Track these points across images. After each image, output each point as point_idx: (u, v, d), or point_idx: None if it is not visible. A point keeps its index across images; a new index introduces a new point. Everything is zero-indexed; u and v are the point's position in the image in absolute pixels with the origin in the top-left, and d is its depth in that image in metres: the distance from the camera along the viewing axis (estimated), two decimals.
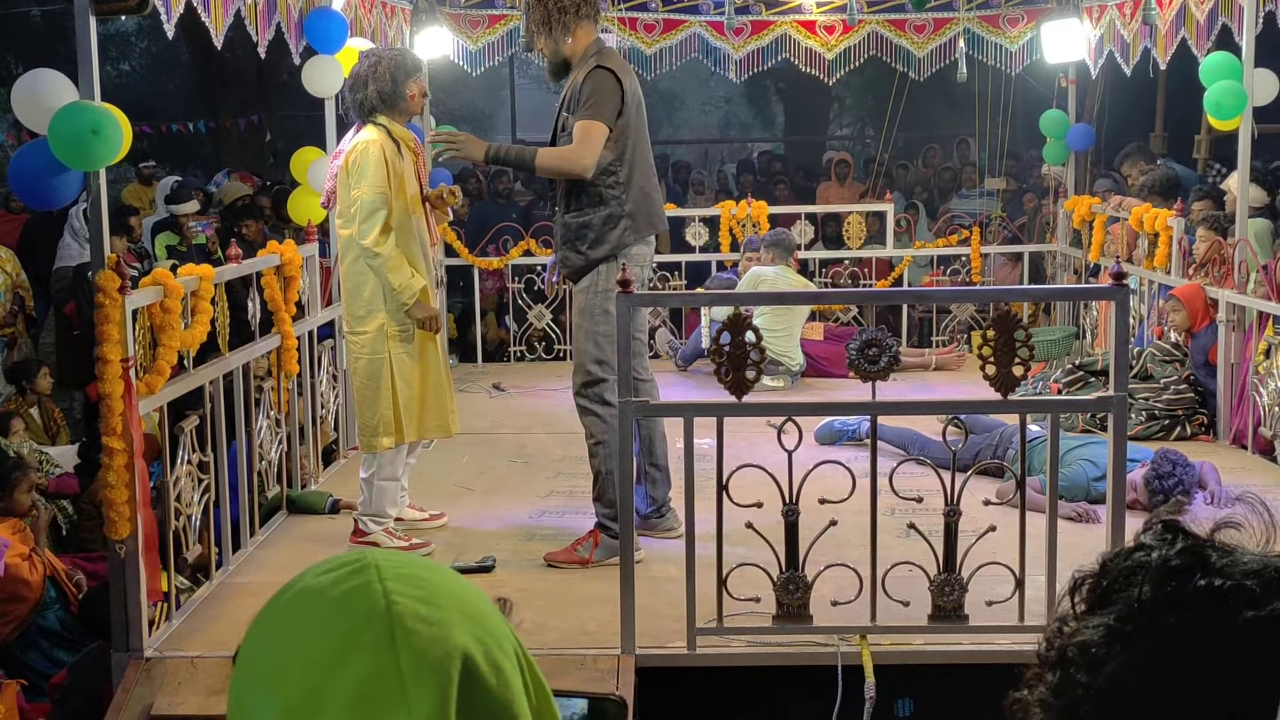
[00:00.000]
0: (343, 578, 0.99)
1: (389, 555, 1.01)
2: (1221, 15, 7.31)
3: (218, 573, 5.09)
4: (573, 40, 5.08)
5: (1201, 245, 7.23)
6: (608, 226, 5.06)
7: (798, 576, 4.31)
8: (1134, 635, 0.91)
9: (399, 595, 0.96)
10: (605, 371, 5.07)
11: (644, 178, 5.12)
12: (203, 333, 4.86)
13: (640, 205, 5.09)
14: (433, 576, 1.00)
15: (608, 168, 5.04)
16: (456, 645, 0.94)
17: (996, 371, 4.16)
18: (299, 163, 6.80)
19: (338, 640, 0.95)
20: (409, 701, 0.91)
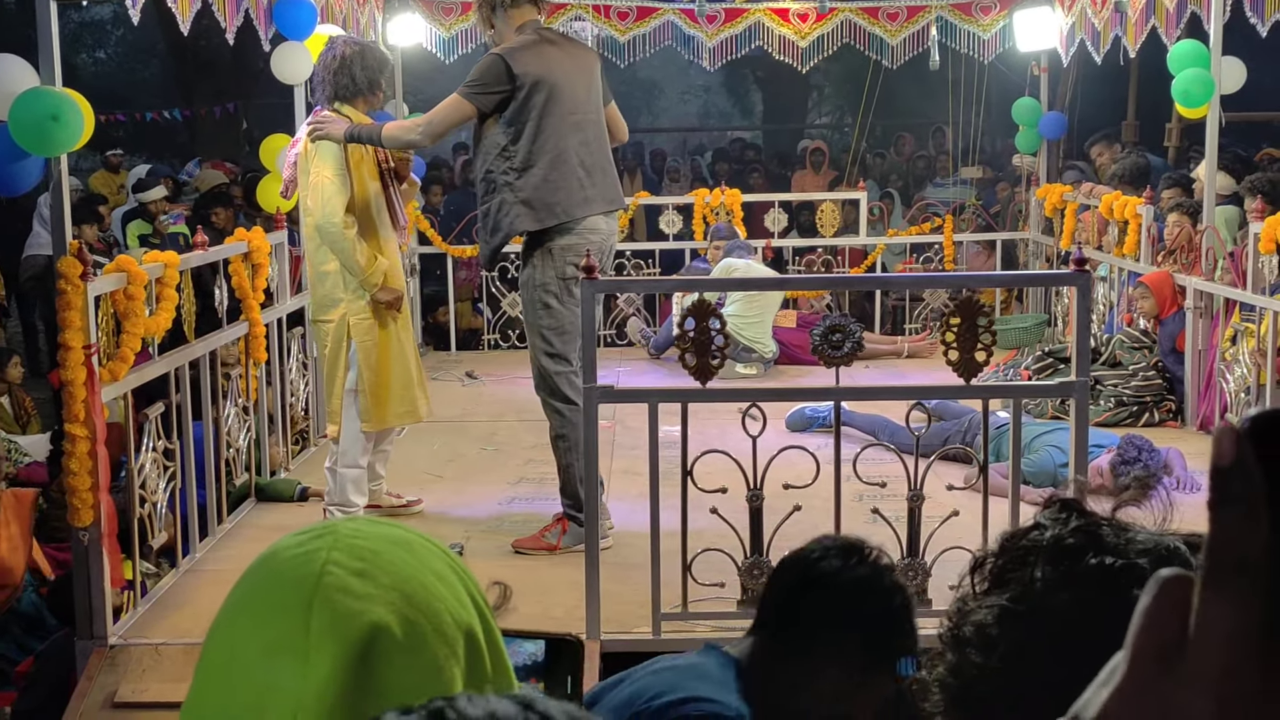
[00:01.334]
0: (301, 543, 1.02)
1: (356, 524, 1.04)
2: (1191, 4, 7.34)
3: (184, 560, 5.08)
4: (512, 20, 5.06)
5: (1173, 231, 7.27)
6: (501, 213, 4.98)
7: (762, 562, 4.32)
8: (1026, 614, 0.92)
9: (335, 565, 0.98)
10: (557, 364, 5.07)
11: (550, 166, 4.94)
12: (168, 320, 4.85)
13: (539, 193, 4.93)
14: (386, 550, 1.01)
15: (502, 151, 4.96)
16: (371, 619, 0.96)
17: (959, 357, 4.17)
18: (269, 150, 6.79)
19: (267, 602, 0.99)
20: (309, 664, 0.93)
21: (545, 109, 4.94)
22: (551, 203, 4.96)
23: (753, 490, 4.27)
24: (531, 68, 4.94)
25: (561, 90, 4.98)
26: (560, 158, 4.97)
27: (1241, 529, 0.52)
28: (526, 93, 4.92)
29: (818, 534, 4.39)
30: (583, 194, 5.01)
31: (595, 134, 5.11)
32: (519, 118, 4.94)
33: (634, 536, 5.04)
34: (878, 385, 6.72)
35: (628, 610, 4.48)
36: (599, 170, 5.10)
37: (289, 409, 6.46)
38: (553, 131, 4.96)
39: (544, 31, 5.14)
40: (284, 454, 6.36)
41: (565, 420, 5.06)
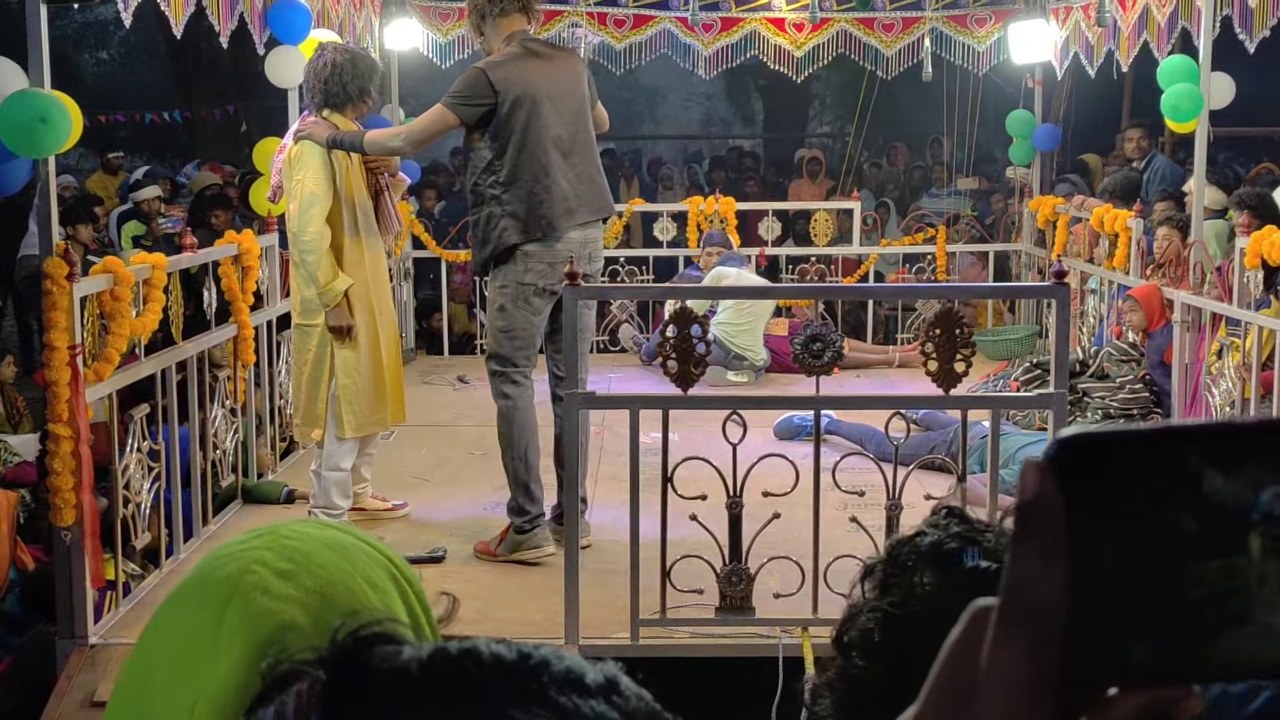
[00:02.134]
0: (241, 541, 1.05)
1: (300, 526, 1.06)
2: (1181, 19, 7.37)
3: (168, 561, 5.10)
4: (501, 30, 5.09)
5: (1163, 244, 7.29)
6: (490, 225, 5.01)
7: (741, 569, 4.35)
8: (905, 618, 0.94)
9: (261, 565, 1.00)
10: (497, 364, 5.11)
11: (535, 179, 4.96)
12: (154, 321, 4.88)
13: (526, 206, 4.95)
14: (318, 553, 1.02)
15: (487, 166, 4.99)
16: (282, 619, 0.97)
17: (939, 367, 4.20)
18: (262, 153, 6.81)
19: (193, 597, 1.01)
20: (216, 658, 0.96)
21: (528, 123, 4.97)
22: (537, 215, 4.99)
23: (732, 498, 4.30)
24: (513, 82, 4.96)
25: (544, 103, 4.99)
26: (545, 170, 4.99)
27: (1036, 570, 0.50)
28: (509, 107, 4.95)
29: (796, 542, 4.44)
30: (565, 206, 5.03)
31: (582, 143, 5.13)
32: (502, 132, 4.97)
33: (615, 542, 5.07)
34: (858, 394, 6.74)
35: (607, 616, 4.51)
36: (585, 180, 5.12)
37: (277, 412, 6.48)
38: (536, 144, 4.98)
39: (529, 43, 5.14)
40: (271, 456, 6.38)
41: (503, 418, 5.14)
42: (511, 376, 5.10)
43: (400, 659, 0.68)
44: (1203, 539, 0.49)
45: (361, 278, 5.25)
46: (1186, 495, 0.49)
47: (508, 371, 5.10)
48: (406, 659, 0.68)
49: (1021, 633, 0.50)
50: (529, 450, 5.12)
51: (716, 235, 9.21)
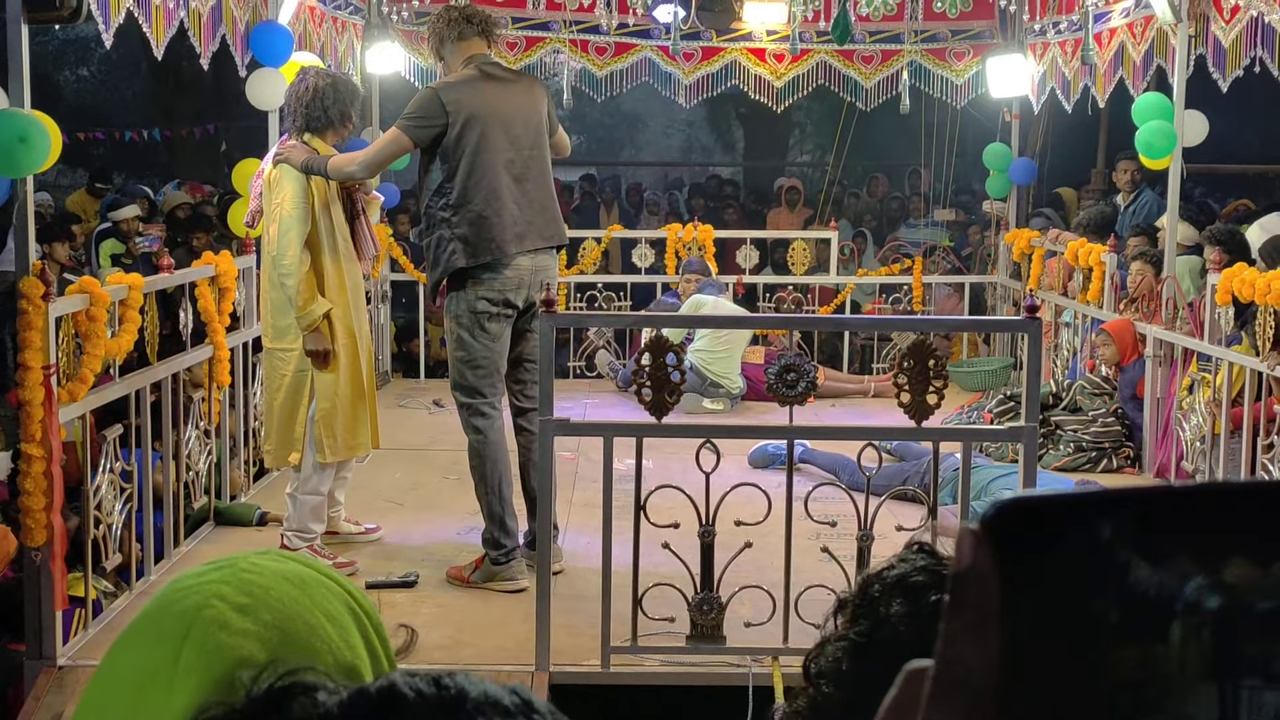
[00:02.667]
0: (201, 573, 1.05)
1: (259, 558, 1.06)
2: (1157, 56, 7.46)
3: (138, 582, 5.08)
4: (458, 52, 5.10)
5: (1136, 279, 7.36)
6: (439, 249, 5.00)
7: (712, 597, 4.36)
8: (871, 647, 0.96)
9: (219, 600, 1.00)
10: (464, 396, 5.11)
11: (484, 202, 4.93)
12: (130, 341, 4.87)
13: (475, 230, 4.93)
14: (276, 587, 1.03)
15: (438, 188, 4.99)
16: (239, 655, 0.98)
17: (911, 399, 4.23)
18: (241, 174, 6.82)
19: (151, 630, 1.02)
20: (172, 693, 0.96)
21: (479, 145, 4.95)
22: (486, 239, 4.96)
23: (704, 526, 4.31)
24: (465, 103, 4.95)
25: (496, 126, 4.98)
26: (494, 194, 4.97)
27: (967, 644, 0.50)
28: (460, 129, 4.93)
29: (767, 570, 4.45)
30: (515, 230, 4.99)
31: (536, 170, 5.10)
32: (452, 154, 4.96)
33: (587, 569, 5.07)
34: (831, 424, 6.77)
35: (578, 643, 4.51)
36: (537, 206, 5.08)
37: (251, 434, 6.47)
38: (487, 168, 4.96)
39: (487, 66, 5.11)
40: (244, 478, 6.36)
41: (475, 453, 5.13)
42: (479, 408, 5.09)
43: (320, 707, 0.69)
44: (1125, 626, 0.50)
45: (342, 301, 5.25)
46: (1113, 581, 0.50)
47: (475, 403, 5.10)
48: (327, 706, 0.69)
49: (952, 707, 0.50)
50: (502, 484, 5.12)
51: (695, 263, 9.25)
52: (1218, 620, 0.49)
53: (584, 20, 9.51)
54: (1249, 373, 5.97)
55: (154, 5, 5.54)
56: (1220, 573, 0.49)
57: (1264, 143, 16.50)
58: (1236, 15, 6.70)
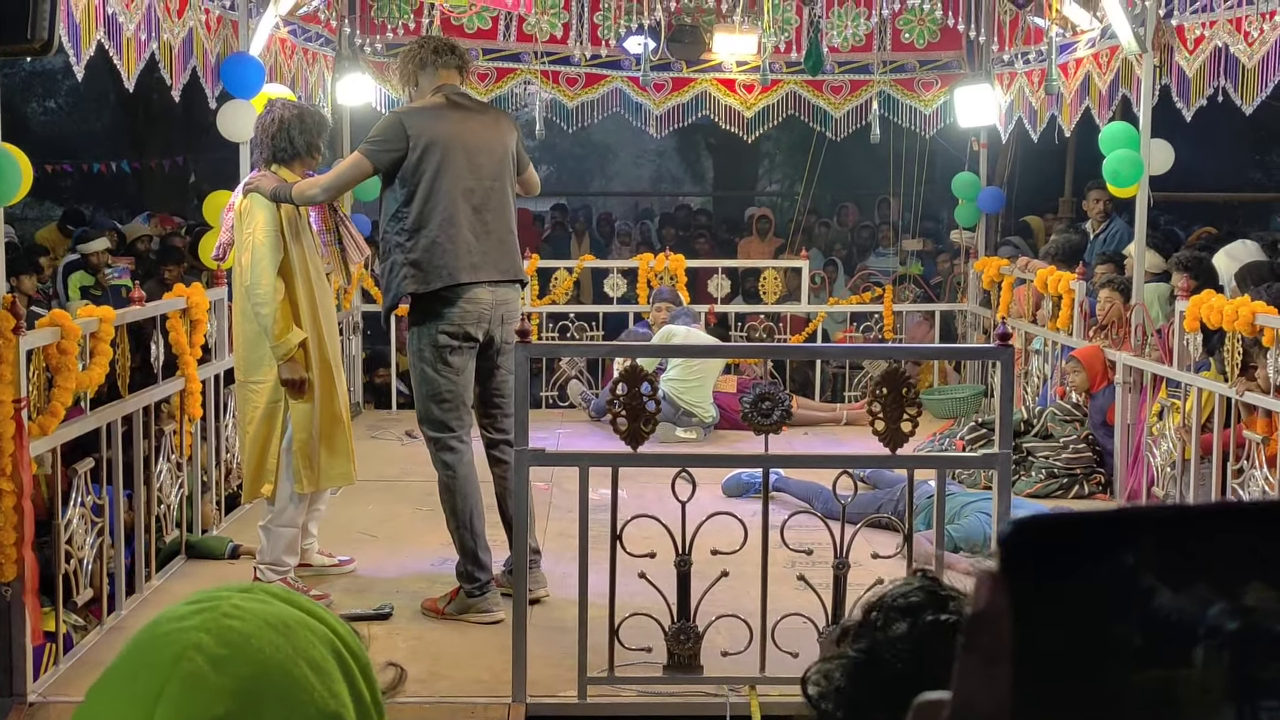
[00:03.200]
0: (181, 616, 1.02)
1: (242, 600, 1.03)
2: (1122, 86, 7.55)
3: (109, 617, 5.03)
4: (428, 82, 5.11)
5: (1105, 306, 7.42)
6: (392, 274, 4.99)
7: (689, 627, 4.35)
8: (868, 665, 0.97)
9: (197, 651, 0.98)
10: (437, 431, 5.09)
11: (439, 229, 4.90)
12: (101, 375, 4.84)
13: (428, 256, 4.90)
14: (258, 634, 1.00)
15: (395, 213, 4.98)
16: (214, 714, 0.96)
17: (885, 427, 4.25)
18: (211, 206, 6.80)
19: (128, 679, 0.99)
20: None
21: (439, 172, 4.93)
22: (438, 265, 4.93)
23: (681, 556, 4.31)
24: (427, 129, 4.94)
25: (458, 154, 4.96)
26: (450, 221, 4.94)
27: (982, 685, 0.50)
28: (420, 154, 4.92)
29: (743, 599, 4.45)
30: (469, 260, 4.96)
31: (496, 202, 5.07)
32: (411, 179, 4.94)
33: (563, 599, 5.06)
34: (807, 453, 6.79)
35: (554, 674, 4.49)
36: (494, 239, 5.05)
37: (223, 465, 6.43)
38: (445, 195, 4.94)
39: (455, 96, 5.11)
40: (216, 511, 6.32)
41: (445, 488, 5.12)
42: (448, 443, 5.08)
43: None
44: (1147, 651, 0.50)
45: (316, 330, 5.24)
46: (1135, 609, 0.50)
47: (443, 437, 5.08)
48: None
49: None
50: (474, 518, 5.10)
51: (666, 291, 9.27)
52: (1237, 643, 0.50)
53: (555, 51, 9.56)
54: (1218, 398, 6.02)
55: (125, 37, 5.55)
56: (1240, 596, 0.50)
57: (1224, 171, 16.72)
58: (1200, 46, 6.80)
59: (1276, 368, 5.53)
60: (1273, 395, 5.59)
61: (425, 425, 5.13)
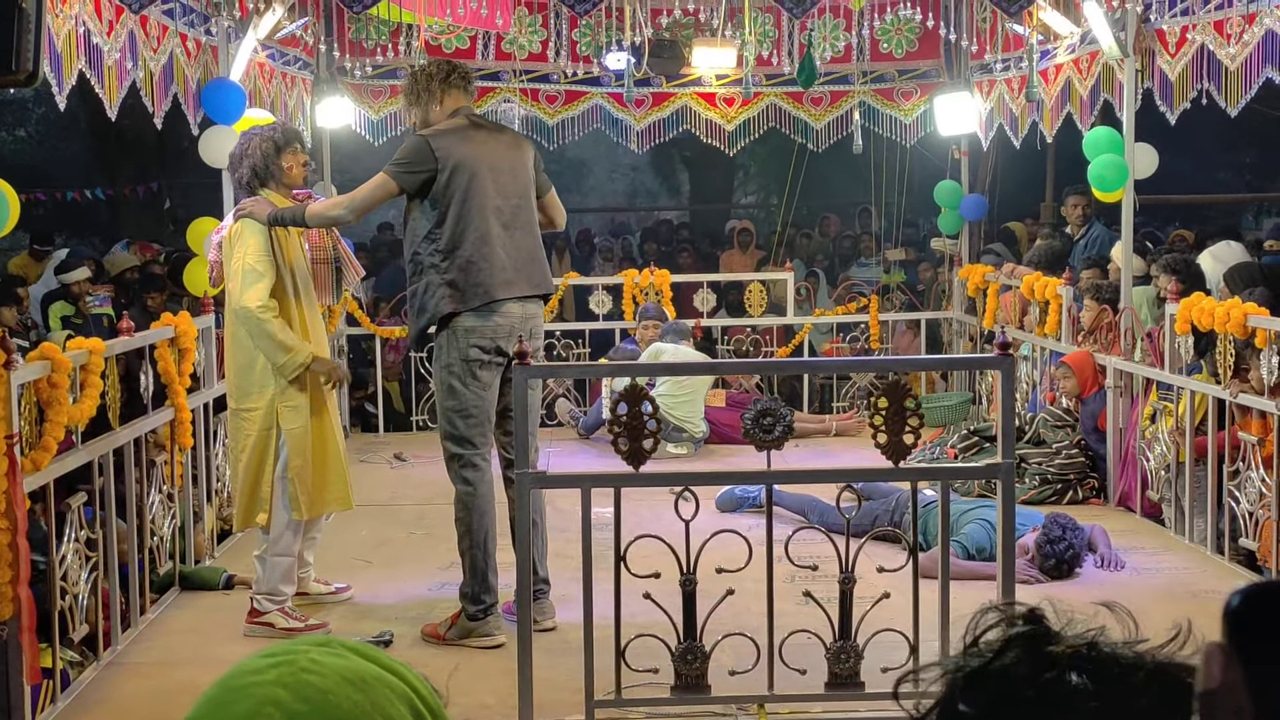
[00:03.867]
0: (258, 670, 1.01)
1: (320, 653, 1.02)
2: (1104, 91, 7.56)
3: (106, 652, 4.96)
4: (439, 107, 5.12)
5: (1088, 314, 7.43)
6: (427, 295, 5.00)
7: (695, 646, 4.31)
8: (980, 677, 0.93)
9: (274, 707, 0.97)
10: (457, 447, 5.07)
11: (474, 248, 4.96)
12: (91, 407, 4.78)
13: (465, 275, 4.95)
14: (336, 690, 0.99)
15: (428, 234, 4.99)
16: None
17: (888, 440, 4.22)
18: (196, 233, 6.74)
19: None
20: None
21: (468, 192, 4.97)
22: (475, 284, 4.97)
23: (685, 575, 4.27)
24: (455, 151, 4.97)
25: (485, 174, 5.00)
26: (484, 240, 4.98)
27: None
28: (449, 176, 4.95)
29: (747, 616, 4.42)
30: (504, 276, 5.01)
31: (523, 218, 5.13)
32: (442, 200, 4.97)
33: (566, 622, 5.02)
34: (809, 468, 6.76)
35: (560, 697, 4.45)
36: (526, 254, 5.11)
37: (215, 495, 6.36)
38: (476, 214, 4.98)
39: (475, 117, 5.19)
40: (209, 541, 6.25)
41: (462, 505, 5.09)
42: (471, 459, 5.05)
43: None
44: None
45: (307, 352, 5.20)
46: None
47: (466, 454, 5.05)
48: None
49: None
50: (488, 539, 5.07)
51: (652, 309, 9.25)
52: None
53: (534, 69, 9.54)
54: (1211, 400, 6.03)
55: (106, 66, 5.50)
56: None
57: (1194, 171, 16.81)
58: (1182, 49, 6.81)
59: (1270, 368, 5.54)
60: (1266, 396, 5.60)
61: (449, 441, 5.09)
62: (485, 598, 5.06)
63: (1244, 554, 5.91)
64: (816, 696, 4.35)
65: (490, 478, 5.13)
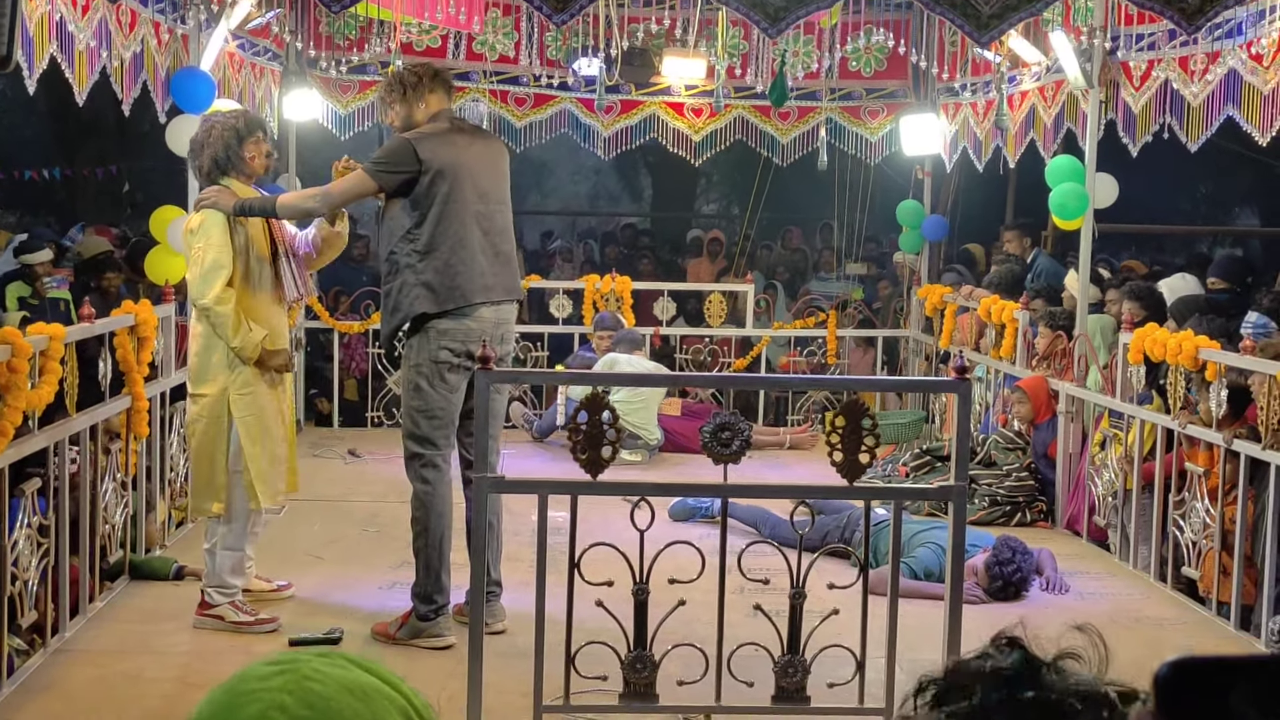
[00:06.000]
0: (263, 677, 1.04)
1: (322, 663, 1.06)
2: (1068, 120, 7.67)
3: (53, 639, 4.93)
4: (423, 109, 5.13)
5: (1042, 341, 7.53)
6: (402, 294, 5.01)
7: (645, 655, 4.34)
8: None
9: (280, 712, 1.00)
10: (418, 446, 5.09)
11: (452, 250, 4.98)
12: (50, 393, 4.76)
13: (441, 277, 4.96)
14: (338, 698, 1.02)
15: (406, 234, 4.99)
16: None
17: (843, 458, 4.27)
18: (159, 221, 6.70)
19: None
20: None
21: (450, 195, 4.98)
22: (452, 287, 4.99)
23: (638, 584, 4.30)
24: (438, 153, 4.99)
25: (467, 178, 5.02)
26: (463, 243, 5.00)
27: None
28: (431, 178, 4.97)
29: (701, 629, 4.45)
30: (482, 281, 5.04)
31: (501, 223, 5.17)
32: (423, 202, 4.98)
33: (518, 626, 5.04)
34: (764, 484, 6.80)
35: (509, 701, 4.47)
36: (503, 259, 5.15)
37: (169, 484, 6.33)
38: (456, 217, 5.00)
39: (456, 120, 5.21)
40: (160, 531, 6.21)
41: (420, 504, 5.10)
42: (432, 460, 5.07)
43: None
44: None
45: (269, 341, 5.19)
46: None
47: (427, 454, 5.07)
48: None
49: None
50: (443, 539, 5.09)
51: (607, 317, 9.28)
52: None
53: (503, 71, 9.55)
54: (1160, 430, 6.13)
55: (77, 51, 5.47)
56: None
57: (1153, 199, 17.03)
58: (1146, 83, 6.93)
59: (1219, 401, 5.64)
60: (1214, 428, 5.70)
61: (411, 440, 5.11)
62: (438, 598, 5.07)
63: (1185, 582, 6.01)
64: (763, 709, 4.39)
65: (449, 479, 5.15)
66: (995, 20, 4.29)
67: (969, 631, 4.35)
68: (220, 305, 4.99)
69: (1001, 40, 7.55)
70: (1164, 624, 5.65)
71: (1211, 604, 5.74)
